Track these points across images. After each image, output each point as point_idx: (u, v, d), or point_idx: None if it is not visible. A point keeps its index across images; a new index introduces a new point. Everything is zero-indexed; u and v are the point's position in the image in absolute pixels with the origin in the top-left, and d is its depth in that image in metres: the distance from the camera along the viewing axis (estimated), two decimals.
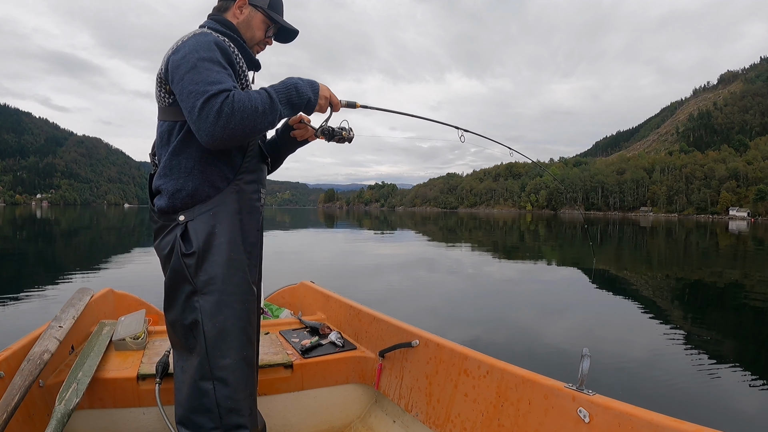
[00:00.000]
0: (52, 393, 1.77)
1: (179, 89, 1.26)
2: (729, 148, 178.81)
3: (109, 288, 2.88)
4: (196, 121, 1.21)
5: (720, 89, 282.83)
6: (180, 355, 1.39)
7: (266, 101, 1.28)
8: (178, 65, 1.28)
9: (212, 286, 1.32)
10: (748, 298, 7.67)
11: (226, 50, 1.35)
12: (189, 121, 1.24)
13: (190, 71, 1.25)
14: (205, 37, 1.34)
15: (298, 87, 1.37)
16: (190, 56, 1.27)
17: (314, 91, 1.42)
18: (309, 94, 1.39)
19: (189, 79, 1.24)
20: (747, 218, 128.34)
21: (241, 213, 1.42)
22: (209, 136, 1.20)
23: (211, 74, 1.24)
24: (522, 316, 6.03)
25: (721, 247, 19.59)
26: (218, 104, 1.19)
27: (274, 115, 1.30)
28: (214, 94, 1.20)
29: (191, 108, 1.22)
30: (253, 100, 1.25)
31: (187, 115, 1.24)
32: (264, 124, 1.28)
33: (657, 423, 1.15)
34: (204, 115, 1.19)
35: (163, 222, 1.39)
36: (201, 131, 1.21)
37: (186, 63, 1.27)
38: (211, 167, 1.38)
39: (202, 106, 1.19)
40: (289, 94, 1.35)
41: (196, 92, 1.21)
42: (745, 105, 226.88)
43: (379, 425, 2.12)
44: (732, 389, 3.68)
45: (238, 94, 1.23)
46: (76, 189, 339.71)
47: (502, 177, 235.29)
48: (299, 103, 1.38)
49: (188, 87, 1.23)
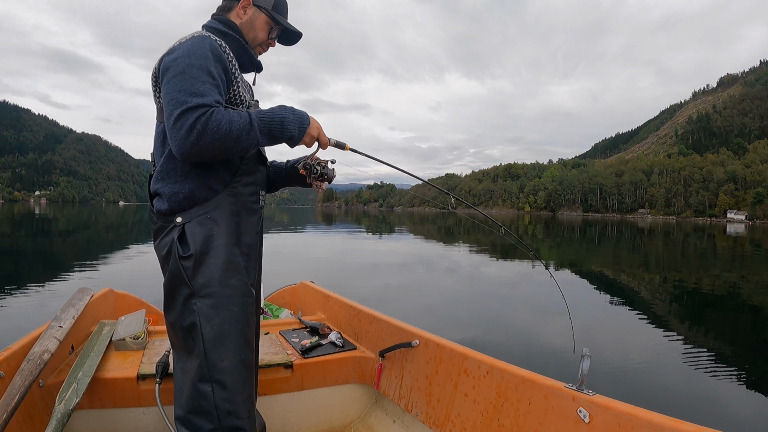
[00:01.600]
0: (52, 393, 1.77)
1: (164, 92, 1.27)
2: (728, 151, 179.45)
3: (109, 288, 2.88)
4: (170, 129, 1.23)
5: (719, 92, 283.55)
6: (180, 356, 1.39)
7: (244, 128, 1.27)
8: (168, 67, 1.29)
9: (209, 288, 1.32)
10: (746, 300, 7.69)
11: (221, 57, 1.35)
12: (166, 127, 1.25)
13: (177, 76, 1.25)
14: (201, 42, 1.33)
15: (284, 122, 1.36)
16: (181, 60, 1.28)
17: (301, 129, 1.40)
18: (293, 131, 1.38)
19: (174, 84, 1.25)
20: (745, 221, 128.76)
21: (238, 215, 1.42)
22: (177, 148, 1.23)
23: (195, 84, 1.25)
24: (521, 315, 6.03)
25: (719, 250, 19.63)
26: (192, 119, 1.20)
27: (250, 143, 1.30)
28: (192, 107, 1.20)
29: (168, 115, 1.24)
30: (231, 123, 1.24)
31: (165, 120, 1.26)
32: (236, 150, 1.28)
33: (657, 423, 1.16)
34: (177, 126, 1.21)
35: (161, 223, 1.40)
36: (172, 141, 1.24)
37: (175, 66, 1.27)
38: (208, 170, 1.38)
39: (178, 116, 1.21)
40: (272, 126, 1.34)
41: (176, 101, 1.22)
42: (745, 108, 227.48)
43: (379, 425, 2.12)
44: (731, 389, 3.69)
45: (217, 113, 1.23)
46: (74, 186, 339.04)
47: (501, 178, 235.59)
48: (280, 137, 1.37)
49: (171, 93, 1.24)
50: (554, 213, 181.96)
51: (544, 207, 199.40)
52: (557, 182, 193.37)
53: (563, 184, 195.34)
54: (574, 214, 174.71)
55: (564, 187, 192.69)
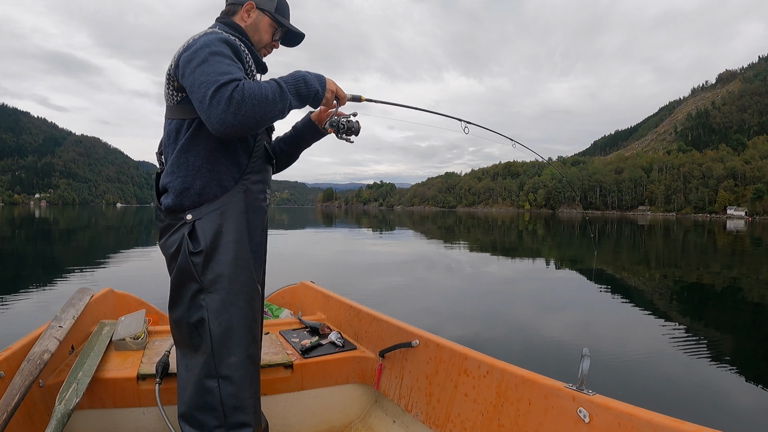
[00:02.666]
0: (52, 393, 1.77)
1: (190, 82, 1.27)
2: (727, 148, 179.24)
3: (109, 288, 2.88)
4: (207, 109, 1.22)
5: (718, 88, 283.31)
6: (184, 353, 1.40)
7: (276, 91, 1.30)
8: (190, 59, 1.30)
9: (219, 284, 1.34)
10: (747, 297, 7.69)
11: (236, 48, 1.38)
12: (200, 111, 1.24)
13: (201, 65, 1.27)
14: (215, 35, 1.36)
15: (306, 79, 1.39)
16: (201, 51, 1.30)
17: (321, 84, 1.44)
18: (317, 86, 1.42)
19: (200, 71, 1.26)
20: (745, 217, 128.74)
21: (247, 212, 1.44)
22: (220, 123, 1.21)
23: (221, 66, 1.26)
24: (521, 315, 6.03)
25: (719, 246, 19.63)
26: (229, 92, 1.20)
27: (284, 105, 1.32)
28: (225, 83, 1.21)
29: (202, 97, 1.22)
30: (263, 89, 1.27)
31: (198, 105, 1.25)
32: (274, 113, 1.30)
33: (657, 423, 1.16)
34: (215, 102, 1.20)
35: (169, 221, 1.40)
36: (212, 119, 1.21)
37: (197, 57, 1.29)
38: (219, 165, 1.40)
39: (213, 94, 1.20)
40: (298, 86, 1.37)
41: (207, 82, 1.23)
42: (744, 104, 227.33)
43: (379, 425, 2.12)
44: (731, 389, 3.69)
45: (248, 83, 1.25)
46: (74, 188, 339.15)
47: (501, 176, 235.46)
48: (307, 95, 1.40)
49: (199, 78, 1.25)
50: (554, 211, 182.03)
51: (543, 205, 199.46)
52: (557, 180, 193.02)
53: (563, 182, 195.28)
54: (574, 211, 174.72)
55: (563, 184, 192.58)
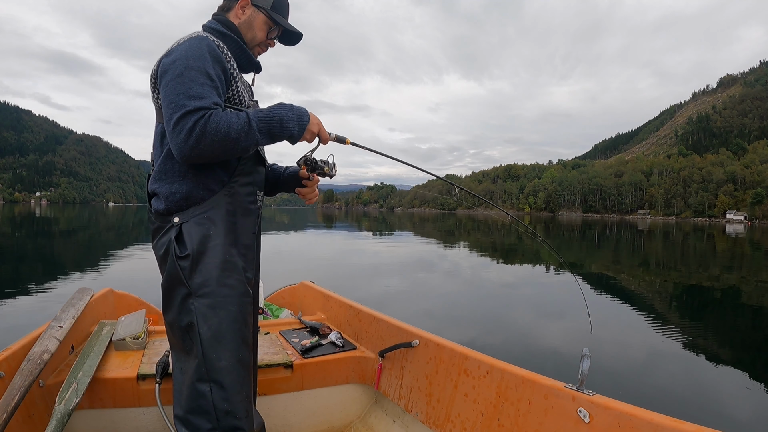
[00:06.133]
0: (52, 393, 1.77)
1: (163, 95, 1.28)
2: (727, 152, 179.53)
3: (109, 288, 2.87)
4: (170, 133, 1.25)
5: (719, 93, 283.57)
6: (178, 356, 1.39)
7: (243, 128, 1.27)
8: (167, 70, 1.29)
9: (206, 288, 1.32)
10: (746, 300, 7.69)
11: (219, 57, 1.35)
12: (166, 130, 1.27)
13: (175, 79, 1.26)
14: (199, 43, 1.33)
15: (282, 120, 1.35)
16: (179, 63, 1.28)
17: (301, 126, 1.39)
18: (293, 129, 1.38)
19: (172, 87, 1.26)
20: (744, 221, 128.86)
21: (235, 215, 1.42)
22: (178, 152, 1.24)
23: (194, 86, 1.25)
24: (521, 316, 6.03)
25: (719, 250, 19.62)
26: (191, 123, 1.21)
27: (249, 143, 1.30)
28: (191, 110, 1.21)
29: (168, 119, 1.25)
30: (230, 125, 1.24)
31: (165, 124, 1.27)
32: (236, 151, 1.29)
33: (657, 423, 1.16)
34: (177, 130, 1.22)
35: (159, 223, 1.40)
36: (172, 145, 1.25)
37: (173, 69, 1.28)
38: (205, 170, 1.38)
39: (177, 120, 1.22)
40: (272, 125, 1.34)
41: (175, 104, 1.23)
42: (744, 109, 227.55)
43: (379, 425, 2.12)
44: (731, 389, 3.69)
45: (215, 115, 1.23)
46: (75, 187, 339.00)
47: (501, 179, 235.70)
48: (280, 136, 1.37)
49: (169, 96, 1.25)
50: (554, 214, 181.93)
51: (543, 208, 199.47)
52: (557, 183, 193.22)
53: (563, 185, 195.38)
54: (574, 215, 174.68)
55: (564, 188, 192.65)
